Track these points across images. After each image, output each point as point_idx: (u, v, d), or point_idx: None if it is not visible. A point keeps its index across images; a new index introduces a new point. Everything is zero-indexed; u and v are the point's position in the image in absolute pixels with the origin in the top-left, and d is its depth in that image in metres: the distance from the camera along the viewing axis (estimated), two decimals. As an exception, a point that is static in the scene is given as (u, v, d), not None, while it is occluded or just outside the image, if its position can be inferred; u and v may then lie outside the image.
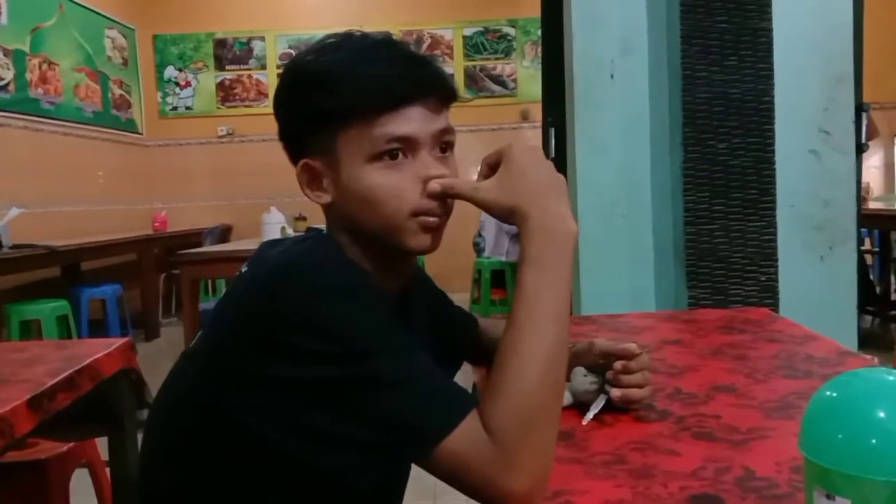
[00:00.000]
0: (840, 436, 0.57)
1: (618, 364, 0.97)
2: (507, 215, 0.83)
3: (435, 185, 0.85)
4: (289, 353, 0.76)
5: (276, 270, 0.84)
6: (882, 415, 0.56)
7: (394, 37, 0.92)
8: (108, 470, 1.73)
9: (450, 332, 1.16)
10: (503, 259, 5.45)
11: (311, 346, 0.75)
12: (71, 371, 1.33)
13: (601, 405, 0.97)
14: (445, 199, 0.88)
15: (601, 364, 1.00)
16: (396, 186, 0.85)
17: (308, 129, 0.89)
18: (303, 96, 0.88)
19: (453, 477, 0.73)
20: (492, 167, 0.86)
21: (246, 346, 0.79)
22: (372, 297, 0.81)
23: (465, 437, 0.72)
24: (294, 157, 0.92)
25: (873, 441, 0.55)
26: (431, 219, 0.87)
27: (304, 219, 4.90)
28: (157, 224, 6.31)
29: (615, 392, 0.96)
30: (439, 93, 0.88)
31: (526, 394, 0.74)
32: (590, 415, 0.95)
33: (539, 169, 0.83)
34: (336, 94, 0.85)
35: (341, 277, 0.82)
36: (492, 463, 0.71)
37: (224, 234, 6.77)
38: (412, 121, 0.85)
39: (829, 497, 0.56)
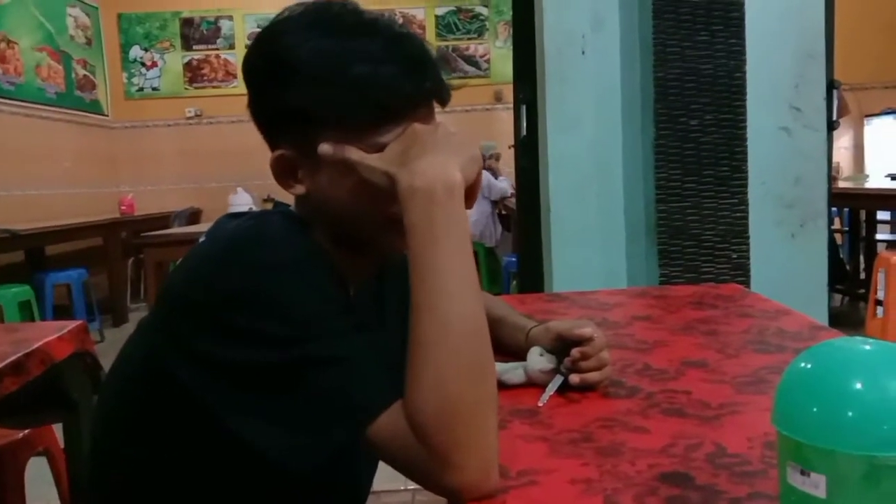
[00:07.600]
0: (814, 409, 0.53)
1: (575, 351, 0.93)
2: (385, 183, 0.76)
3: (326, 148, 0.79)
4: (226, 330, 0.73)
5: (224, 248, 0.80)
6: (858, 386, 0.52)
7: (387, 19, 0.83)
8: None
9: None
10: (488, 245, 5.43)
11: (247, 324, 0.72)
12: (19, 355, 1.28)
13: (557, 385, 0.94)
14: None
15: (557, 346, 0.98)
16: (377, 195, 0.79)
17: (285, 119, 0.82)
18: (280, 85, 0.80)
19: (395, 467, 0.69)
20: None
21: (190, 318, 0.76)
22: (316, 276, 0.77)
23: (389, 427, 0.68)
24: (265, 133, 0.86)
25: (849, 414, 0.52)
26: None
27: (273, 201, 4.79)
28: (123, 207, 6.18)
29: (574, 378, 0.93)
30: (436, 99, 0.83)
31: (438, 385, 0.67)
32: (545, 396, 0.93)
33: (424, 131, 0.77)
34: (323, 97, 0.78)
35: (286, 254, 0.77)
36: (421, 460, 0.66)
37: (193, 217, 6.67)
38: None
39: (803, 473, 0.53)
